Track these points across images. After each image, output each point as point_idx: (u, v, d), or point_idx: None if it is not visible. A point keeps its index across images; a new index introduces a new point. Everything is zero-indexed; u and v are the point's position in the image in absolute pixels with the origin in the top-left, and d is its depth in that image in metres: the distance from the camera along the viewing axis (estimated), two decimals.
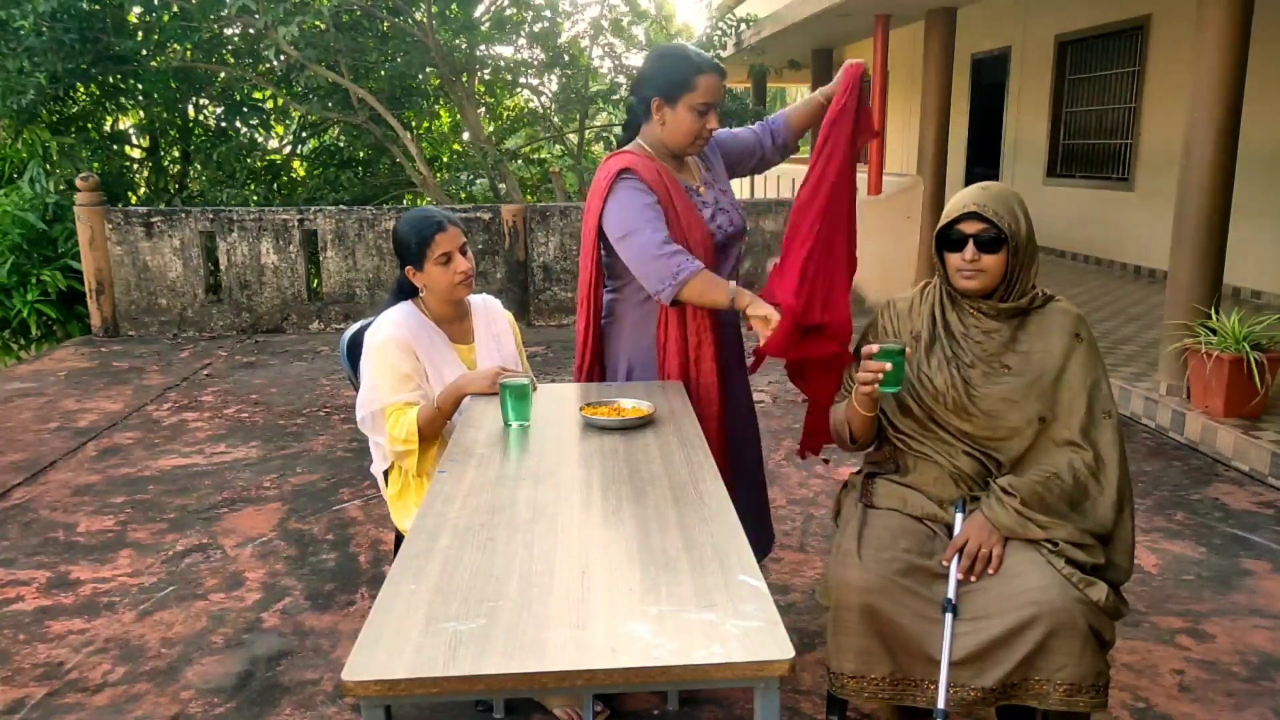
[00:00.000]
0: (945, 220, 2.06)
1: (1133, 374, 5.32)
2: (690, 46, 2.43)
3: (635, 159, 2.38)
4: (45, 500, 3.98)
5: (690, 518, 1.72)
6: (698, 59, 2.34)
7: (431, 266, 2.45)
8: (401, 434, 2.37)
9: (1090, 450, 2.04)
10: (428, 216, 2.48)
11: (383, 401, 2.40)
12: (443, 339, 2.53)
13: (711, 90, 2.34)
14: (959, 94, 11.13)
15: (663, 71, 2.36)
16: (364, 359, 2.46)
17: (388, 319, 2.47)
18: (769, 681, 1.28)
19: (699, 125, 2.35)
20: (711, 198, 2.49)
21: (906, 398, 2.14)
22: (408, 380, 2.40)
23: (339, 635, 2.87)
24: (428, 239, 2.43)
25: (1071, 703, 1.82)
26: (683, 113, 2.34)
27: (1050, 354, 2.07)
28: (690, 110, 2.33)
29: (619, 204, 2.35)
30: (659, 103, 2.36)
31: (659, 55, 2.42)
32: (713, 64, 2.35)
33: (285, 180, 10.95)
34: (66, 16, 7.73)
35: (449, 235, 2.45)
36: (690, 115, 2.34)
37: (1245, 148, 4.99)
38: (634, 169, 2.36)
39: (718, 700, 2.49)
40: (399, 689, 1.22)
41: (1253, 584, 3.13)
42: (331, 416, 5.16)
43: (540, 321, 7.60)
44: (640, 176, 2.35)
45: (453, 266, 2.45)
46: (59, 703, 2.53)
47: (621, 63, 10.12)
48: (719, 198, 2.51)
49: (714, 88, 2.34)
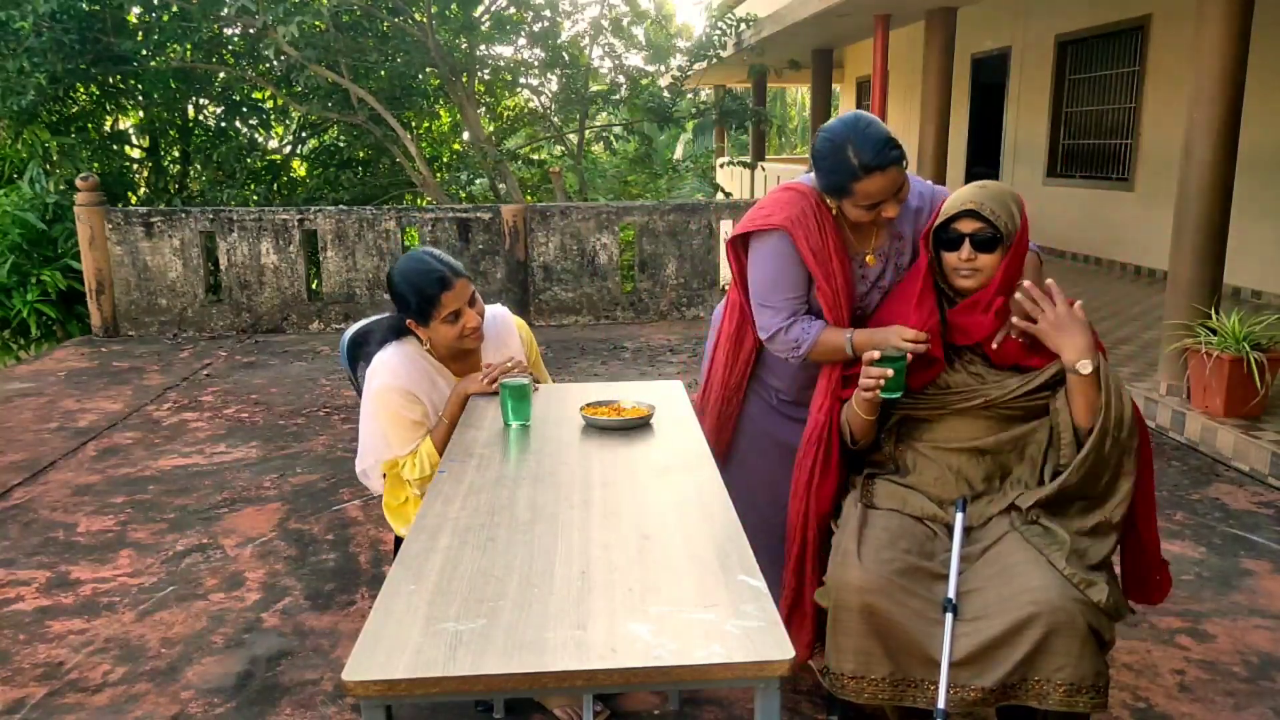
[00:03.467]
0: (942, 218, 2.05)
1: (1132, 374, 5.32)
2: (855, 139, 2.05)
3: (802, 207, 2.19)
4: (45, 500, 3.98)
5: (690, 518, 1.72)
6: (857, 161, 2.03)
7: (438, 324, 2.27)
8: (423, 473, 2.28)
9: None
10: (429, 272, 2.23)
11: (394, 453, 2.31)
12: (446, 382, 2.40)
13: (875, 193, 2.07)
14: (959, 94, 11.13)
15: (821, 173, 2.14)
16: (366, 406, 2.31)
17: (385, 366, 2.30)
18: (769, 681, 1.28)
19: (871, 215, 2.14)
20: (875, 272, 2.27)
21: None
22: (418, 427, 2.32)
23: (339, 635, 2.87)
24: (433, 299, 2.23)
25: (1071, 703, 1.82)
26: (849, 207, 2.14)
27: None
28: (856, 207, 2.13)
29: (757, 261, 2.24)
30: (826, 196, 2.18)
31: (820, 153, 2.12)
32: (874, 164, 2.03)
33: (285, 180, 10.96)
34: (66, 17, 7.74)
35: (456, 292, 2.24)
36: (857, 210, 2.13)
37: (1245, 148, 4.99)
38: (791, 227, 2.17)
39: (718, 700, 2.49)
40: (399, 689, 1.22)
41: (1253, 584, 3.13)
42: (331, 416, 5.16)
43: (540, 321, 7.60)
44: (792, 235, 2.17)
45: (462, 322, 2.28)
46: (59, 703, 2.53)
47: (621, 63, 10.13)
48: (884, 273, 2.28)
49: (878, 190, 2.07)
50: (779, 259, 2.21)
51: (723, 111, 10.72)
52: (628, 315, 7.75)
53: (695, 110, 11.34)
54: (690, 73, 10.32)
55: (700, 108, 11.45)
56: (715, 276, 7.81)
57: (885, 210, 2.12)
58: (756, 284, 2.27)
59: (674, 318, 7.78)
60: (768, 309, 2.24)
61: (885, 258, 2.28)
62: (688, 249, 7.71)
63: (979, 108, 11.93)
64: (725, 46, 10.44)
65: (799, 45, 12.39)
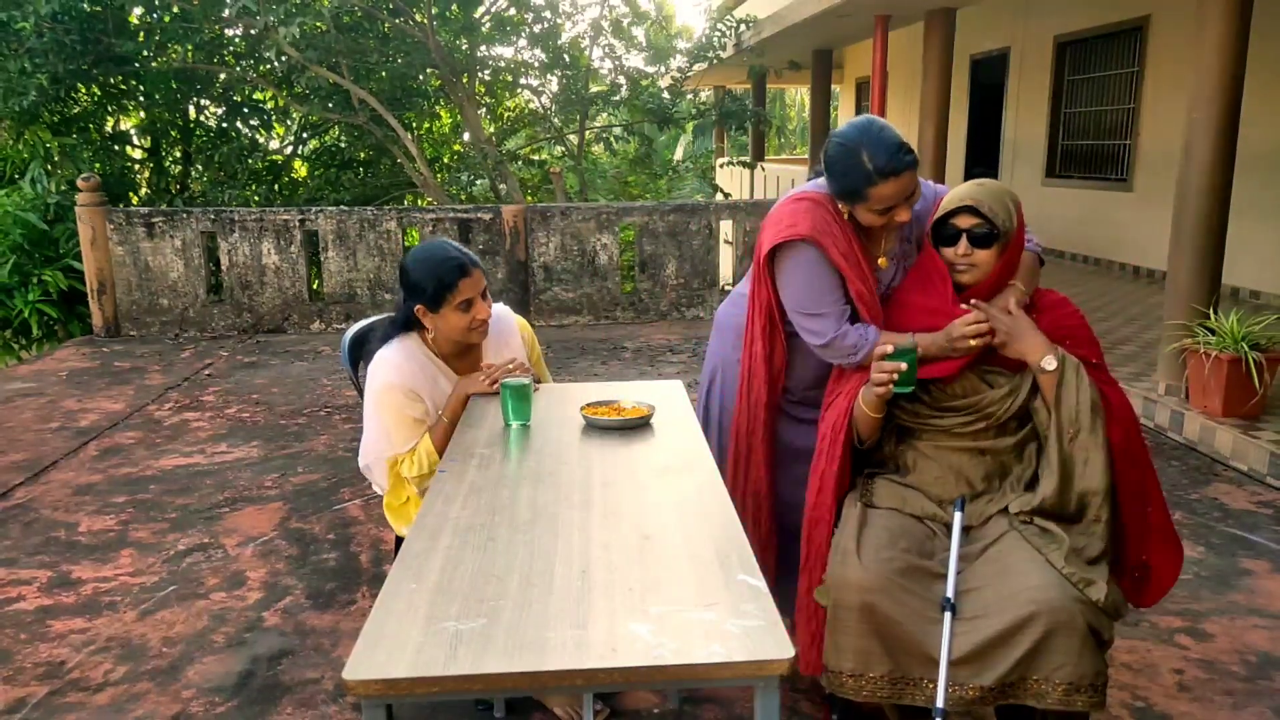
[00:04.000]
0: (940, 214, 2.07)
1: (1131, 374, 5.32)
2: (869, 144, 2.06)
3: (823, 216, 2.19)
4: (47, 500, 3.99)
5: (690, 518, 1.72)
6: (871, 166, 2.05)
7: (449, 312, 2.28)
8: (423, 470, 2.30)
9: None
10: (448, 259, 2.26)
11: (396, 449, 2.33)
12: (447, 380, 2.41)
13: (889, 198, 2.08)
14: (958, 94, 11.14)
15: (834, 177, 2.14)
16: (369, 403, 2.32)
17: (387, 362, 2.32)
18: (769, 681, 1.29)
19: (884, 220, 2.14)
20: (888, 276, 2.29)
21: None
22: (420, 424, 2.33)
23: (340, 634, 2.87)
24: (450, 285, 2.24)
25: (1070, 702, 1.83)
26: (862, 212, 2.15)
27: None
28: (870, 212, 2.13)
29: (791, 274, 2.22)
30: (840, 201, 2.18)
31: (833, 157, 2.13)
32: (888, 170, 2.04)
33: (286, 181, 10.97)
34: (68, 18, 7.75)
35: (473, 280, 2.26)
36: (870, 214, 2.14)
37: (1244, 148, 5.00)
38: (817, 237, 2.17)
39: (718, 700, 2.49)
40: (400, 688, 1.23)
41: (1251, 583, 3.14)
42: (333, 416, 5.17)
43: (541, 322, 7.61)
44: (821, 244, 2.17)
45: (472, 313, 2.29)
46: (60, 702, 2.53)
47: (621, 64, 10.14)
48: (895, 276, 2.30)
49: (892, 195, 2.07)
50: (814, 266, 2.20)
51: (722, 112, 10.73)
52: (628, 315, 7.76)
53: (695, 111, 11.35)
54: (690, 74, 10.33)
55: (700, 109, 11.46)
56: (715, 276, 7.81)
57: (898, 214, 2.12)
58: (798, 294, 2.24)
59: (674, 318, 7.78)
60: (819, 317, 2.21)
61: (896, 260, 2.30)
62: (688, 249, 7.72)
63: (978, 108, 11.93)
64: (725, 47, 10.45)
65: (799, 46, 12.40)
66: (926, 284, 2.15)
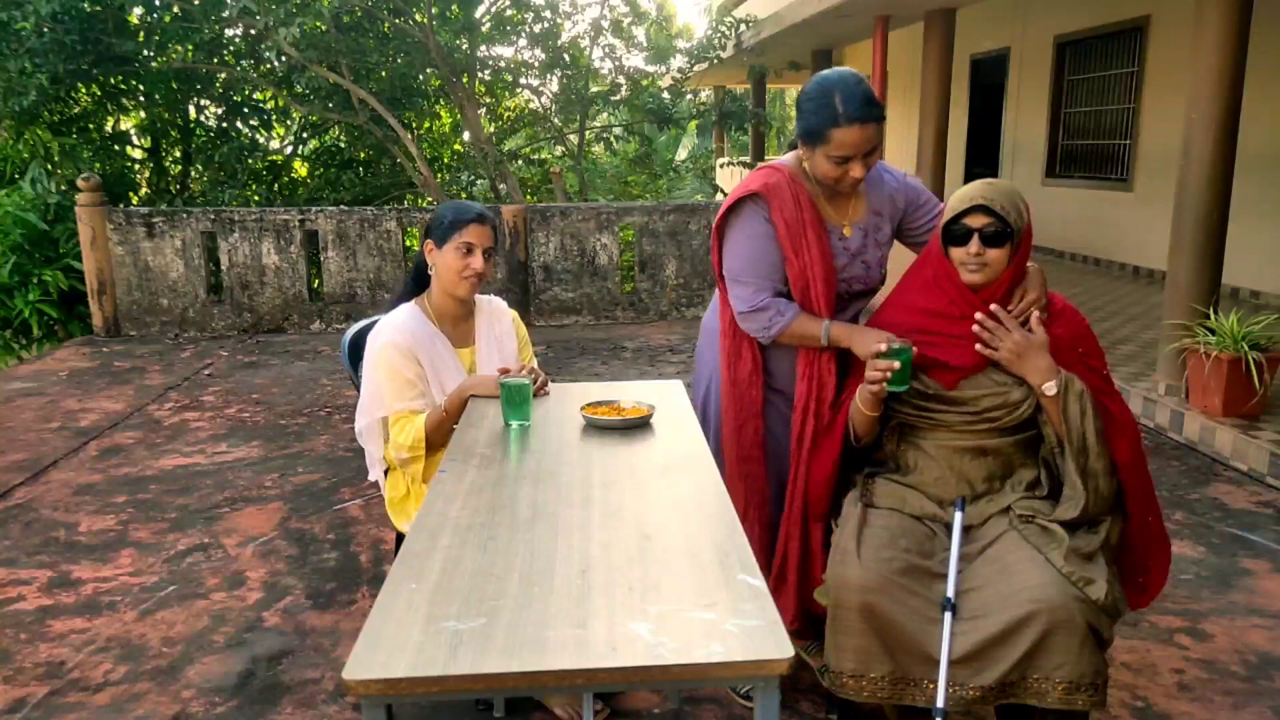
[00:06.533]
0: (952, 213, 2.06)
1: (1131, 374, 5.32)
2: (843, 89, 2.12)
3: (778, 179, 2.26)
4: (47, 500, 3.99)
5: (690, 517, 1.72)
6: (840, 109, 2.10)
7: (450, 250, 2.44)
8: (408, 441, 2.35)
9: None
10: (470, 207, 2.51)
11: (388, 408, 2.38)
12: (444, 344, 2.50)
13: (848, 145, 2.12)
14: (958, 94, 11.14)
15: (803, 115, 2.18)
16: (366, 363, 2.43)
17: (390, 323, 2.45)
18: (769, 680, 1.29)
19: (838, 173, 2.18)
20: (855, 244, 2.32)
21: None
22: (412, 386, 2.39)
23: (340, 634, 2.87)
24: (461, 222, 2.44)
25: (1070, 701, 1.83)
26: (820, 159, 2.18)
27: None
28: (827, 159, 2.16)
29: (733, 239, 2.30)
30: (801, 142, 2.23)
31: (807, 94, 2.18)
32: (855, 115, 2.10)
33: (286, 181, 10.96)
34: (68, 18, 7.74)
35: (481, 231, 2.45)
36: (828, 163, 2.17)
37: (1244, 148, 5.00)
38: (767, 193, 2.24)
39: (718, 699, 2.49)
40: (400, 688, 1.23)
41: (1251, 583, 3.14)
42: (333, 416, 5.17)
43: (541, 321, 7.61)
44: (768, 202, 2.24)
45: (468, 259, 2.44)
46: (60, 702, 2.53)
47: (621, 64, 10.13)
48: (865, 247, 2.33)
49: (851, 142, 2.12)
50: (754, 239, 2.28)
51: (722, 112, 10.72)
52: (628, 315, 7.76)
53: (695, 111, 11.33)
54: (690, 74, 10.33)
55: (700, 109, 11.45)
56: (715, 276, 7.81)
57: (852, 169, 2.16)
58: (731, 261, 2.33)
59: (674, 318, 7.78)
60: (742, 284, 2.30)
61: (864, 231, 2.34)
62: (688, 249, 7.72)
63: (978, 108, 11.94)
64: (725, 47, 10.45)
65: (799, 46, 12.40)
66: (931, 286, 2.15)
